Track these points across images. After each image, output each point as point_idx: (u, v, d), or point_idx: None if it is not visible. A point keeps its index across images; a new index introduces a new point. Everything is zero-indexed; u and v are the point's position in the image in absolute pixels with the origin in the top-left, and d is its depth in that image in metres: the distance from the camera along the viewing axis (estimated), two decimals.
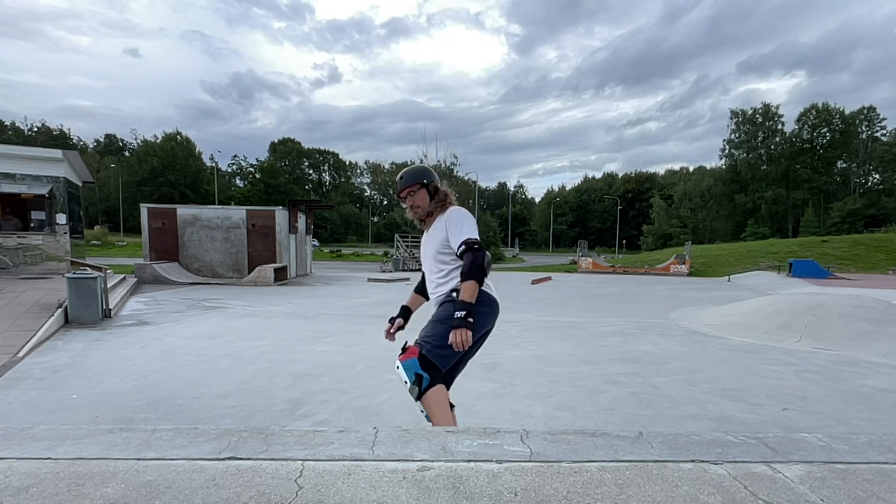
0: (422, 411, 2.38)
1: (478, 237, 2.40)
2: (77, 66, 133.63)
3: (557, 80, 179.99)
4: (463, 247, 2.35)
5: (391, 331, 2.82)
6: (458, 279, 2.38)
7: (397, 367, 2.35)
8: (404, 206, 2.68)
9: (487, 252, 2.40)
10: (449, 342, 2.23)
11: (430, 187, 2.58)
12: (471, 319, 2.20)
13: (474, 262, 2.28)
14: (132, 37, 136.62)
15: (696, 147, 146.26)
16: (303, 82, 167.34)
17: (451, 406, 2.45)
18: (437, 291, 2.56)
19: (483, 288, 2.39)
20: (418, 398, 2.30)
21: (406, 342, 2.48)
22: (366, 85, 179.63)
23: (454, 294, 2.40)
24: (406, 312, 2.85)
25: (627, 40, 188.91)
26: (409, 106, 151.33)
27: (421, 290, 2.84)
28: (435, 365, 2.29)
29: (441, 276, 2.52)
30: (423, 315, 2.68)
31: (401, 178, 2.61)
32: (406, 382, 2.30)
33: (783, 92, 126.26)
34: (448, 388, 2.45)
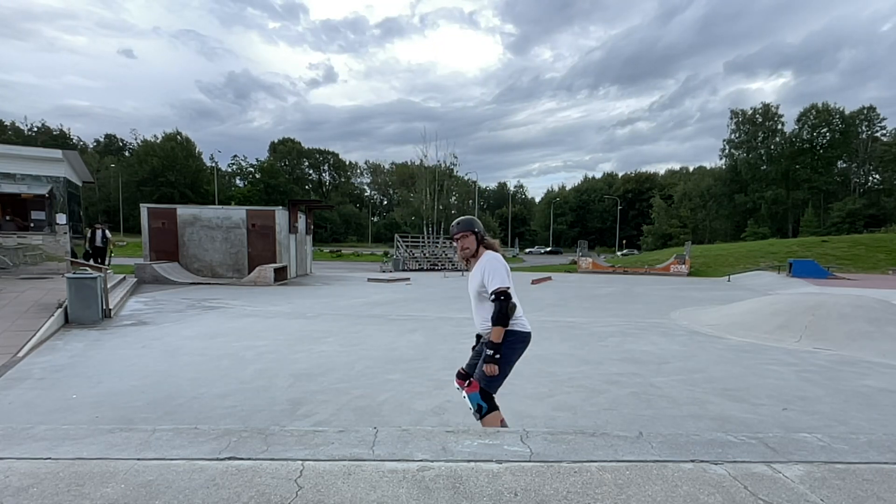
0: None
1: (507, 284, 2.91)
2: (73, 66, 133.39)
3: (552, 80, 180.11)
4: (493, 296, 2.91)
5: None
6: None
7: (464, 396, 3.10)
8: (455, 244, 3.29)
9: (513, 300, 2.94)
10: (486, 373, 2.94)
11: (479, 235, 3.17)
12: (497, 356, 2.87)
13: (500, 311, 2.87)
14: (127, 37, 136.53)
15: (688, 147, 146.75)
16: (298, 82, 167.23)
17: (503, 421, 3.08)
18: (483, 328, 3.14)
19: (513, 325, 2.97)
20: (480, 419, 3.03)
21: (471, 379, 3.16)
22: (362, 85, 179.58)
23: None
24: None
25: (622, 39, 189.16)
26: (406, 106, 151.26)
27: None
28: (489, 393, 3.01)
29: (484, 314, 3.05)
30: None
31: (457, 223, 3.22)
32: (471, 409, 3.05)
33: (771, 91, 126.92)
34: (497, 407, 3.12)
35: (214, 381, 4.70)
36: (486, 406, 3.01)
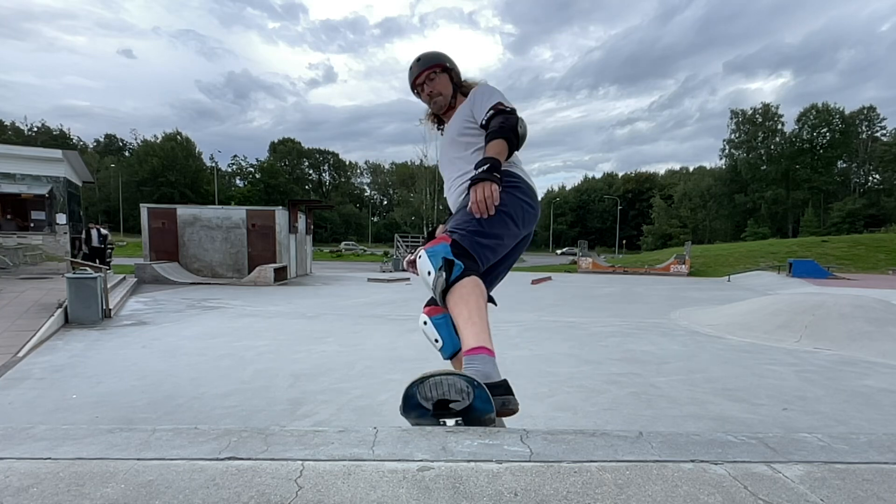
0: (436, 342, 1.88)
1: (512, 105, 1.88)
2: (72, 66, 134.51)
3: (552, 79, 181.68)
4: (491, 111, 1.84)
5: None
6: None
7: (419, 257, 1.75)
8: (420, 97, 2.16)
9: (523, 119, 1.89)
10: (469, 205, 1.74)
11: (454, 74, 2.12)
12: (497, 174, 1.69)
13: (505, 122, 1.79)
14: (127, 37, 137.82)
15: (688, 147, 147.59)
16: (298, 82, 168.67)
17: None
18: (463, 187, 1.90)
19: (511, 167, 1.89)
20: (446, 290, 1.65)
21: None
22: (361, 85, 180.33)
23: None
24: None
25: (622, 39, 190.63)
26: (405, 106, 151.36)
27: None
28: (471, 255, 1.70)
29: (466, 166, 1.90)
30: None
31: (418, 59, 2.08)
32: (430, 273, 1.68)
33: (770, 91, 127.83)
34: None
35: (214, 381, 4.70)
36: (460, 265, 1.65)
